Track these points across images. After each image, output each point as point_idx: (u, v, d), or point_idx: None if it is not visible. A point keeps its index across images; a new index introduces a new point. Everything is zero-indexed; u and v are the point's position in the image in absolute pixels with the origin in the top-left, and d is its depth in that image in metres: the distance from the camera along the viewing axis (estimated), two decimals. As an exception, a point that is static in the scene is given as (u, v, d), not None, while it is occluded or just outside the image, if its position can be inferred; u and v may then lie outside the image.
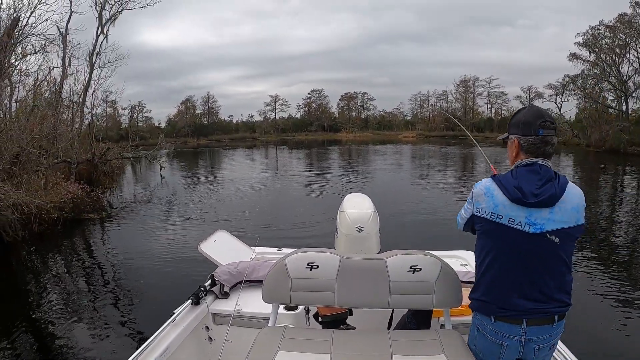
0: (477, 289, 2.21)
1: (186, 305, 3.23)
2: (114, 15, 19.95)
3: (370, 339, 2.49)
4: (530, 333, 2.05)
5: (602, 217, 12.47)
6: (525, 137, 2.08)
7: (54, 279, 8.64)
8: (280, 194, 18.43)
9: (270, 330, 2.61)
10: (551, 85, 58.67)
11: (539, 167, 2.05)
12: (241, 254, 4.22)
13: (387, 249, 2.75)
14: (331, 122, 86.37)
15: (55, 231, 11.86)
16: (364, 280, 2.59)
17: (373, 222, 3.55)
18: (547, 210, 1.99)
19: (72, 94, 18.95)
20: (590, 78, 44.30)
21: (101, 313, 6.70)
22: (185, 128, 77.81)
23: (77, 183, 14.71)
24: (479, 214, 2.12)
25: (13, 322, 6.40)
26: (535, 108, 2.19)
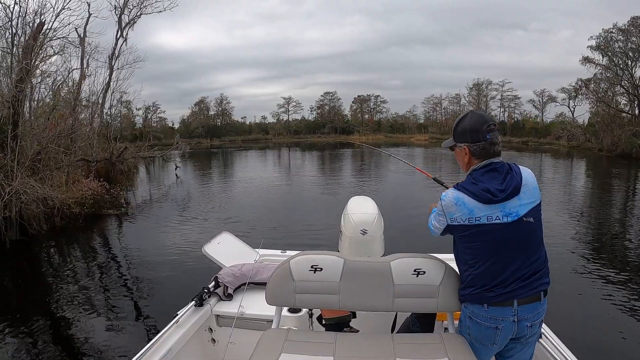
0: (468, 285, 2.29)
1: (189, 306, 3.24)
2: (132, 20, 20.47)
3: (374, 342, 2.51)
4: (521, 312, 2.17)
5: (614, 222, 12.43)
6: (475, 144, 2.23)
7: (70, 272, 8.96)
8: (292, 196, 18.55)
9: (273, 332, 2.62)
10: (564, 89, 58.96)
11: (495, 165, 2.22)
12: (245, 256, 4.24)
13: (391, 252, 2.79)
14: (344, 125, 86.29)
15: (76, 225, 12.32)
16: (367, 283, 2.60)
17: (377, 224, 3.58)
18: (516, 199, 2.15)
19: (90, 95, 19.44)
20: (603, 82, 43.89)
21: (110, 308, 6.89)
22: (198, 129, 78.15)
23: (96, 180, 15.17)
24: (455, 222, 2.23)
25: (33, 310, 6.72)
26: (478, 114, 2.32)
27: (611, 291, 6.91)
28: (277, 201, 16.56)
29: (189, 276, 7.76)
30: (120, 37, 20.11)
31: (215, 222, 12.33)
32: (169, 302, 5.76)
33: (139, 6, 20.43)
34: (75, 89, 16.82)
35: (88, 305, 6.94)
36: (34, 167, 11.90)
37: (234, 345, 3.12)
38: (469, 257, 2.26)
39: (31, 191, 10.73)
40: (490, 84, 77.05)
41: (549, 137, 58.32)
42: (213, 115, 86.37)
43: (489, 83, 77.06)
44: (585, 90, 46.92)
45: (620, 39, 41.35)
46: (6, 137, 11.08)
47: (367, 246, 3.47)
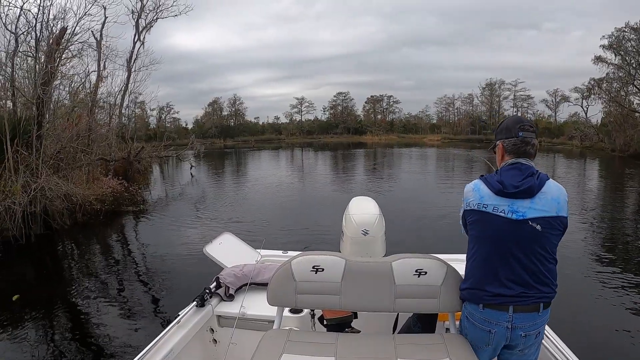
0: (467, 280, 2.35)
1: (191, 307, 3.25)
2: (149, 24, 20.98)
3: (375, 343, 2.51)
4: (516, 320, 2.17)
5: (627, 223, 12.27)
6: (508, 140, 2.31)
7: (88, 266, 9.32)
8: (305, 196, 18.71)
9: (274, 332, 2.63)
10: (577, 88, 58.07)
11: (520, 165, 2.25)
12: (246, 257, 4.25)
13: (393, 252, 2.81)
14: (357, 125, 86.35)
15: (97, 221, 12.77)
16: (369, 283, 2.61)
17: (379, 225, 3.61)
18: (527, 200, 2.16)
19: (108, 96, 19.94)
20: (615, 81, 43.32)
21: (122, 301, 7.11)
22: (212, 129, 78.40)
23: (115, 179, 15.65)
24: (469, 207, 2.29)
25: (53, 301, 7.11)
26: (516, 116, 2.49)
27: (623, 294, 6.79)
28: (290, 201, 16.75)
29: (199, 274, 8.04)
30: (138, 41, 20.64)
31: (228, 222, 12.45)
32: (177, 299, 5.96)
33: (155, 11, 20.95)
34: (93, 90, 17.27)
35: (101, 298, 7.20)
36: (57, 165, 12.40)
37: (236, 345, 3.12)
38: (471, 246, 2.33)
39: (56, 188, 11.22)
40: (503, 84, 76.91)
41: (562, 137, 57.85)
42: (226, 116, 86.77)
43: (501, 83, 76.89)
44: (597, 89, 46.30)
45: (632, 37, 40.78)
46: (31, 136, 11.58)
47: (368, 246, 3.54)
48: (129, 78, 20.24)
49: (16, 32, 12.53)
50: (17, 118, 11.74)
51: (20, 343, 5.65)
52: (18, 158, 11.22)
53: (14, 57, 12.72)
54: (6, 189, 10.52)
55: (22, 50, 13.09)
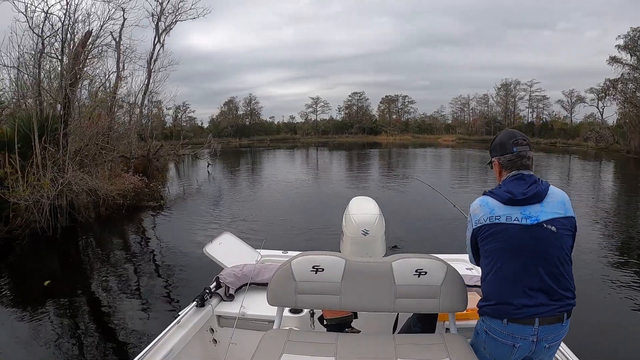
0: (487, 297, 2.27)
1: (191, 307, 3.24)
2: (168, 26, 21.57)
3: (375, 343, 2.51)
4: (542, 332, 2.12)
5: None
6: (503, 156, 2.33)
7: (109, 258, 9.82)
8: (319, 195, 18.60)
9: (274, 332, 2.63)
10: (593, 89, 57.34)
11: (522, 175, 2.27)
12: (246, 257, 4.25)
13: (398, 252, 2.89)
14: (371, 125, 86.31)
15: (119, 215, 13.36)
16: (369, 283, 2.61)
17: (379, 225, 3.66)
18: (537, 205, 2.17)
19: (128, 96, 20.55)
20: (631, 82, 42.93)
21: (136, 292, 7.43)
22: (227, 128, 78.77)
23: (136, 175, 16.21)
24: (479, 224, 2.26)
25: (75, 288, 7.60)
26: (509, 130, 2.45)
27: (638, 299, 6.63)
28: (306, 200, 16.89)
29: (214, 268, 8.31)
30: (158, 43, 21.25)
31: (244, 221, 12.56)
32: (190, 291, 5.94)
33: (175, 13, 21.54)
34: (112, 90, 17.83)
35: (119, 288, 7.61)
36: (81, 161, 13.03)
37: (236, 345, 3.12)
38: (488, 261, 2.26)
39: (82, 182, 11.85)
40: (519, 85, 76.04)
41: (577, 139, 57.21)
42: (242, 115, 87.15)
43: (517, 83, 76.02)
44: (612, 90, 45.98)
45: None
46: (57, 134, 12.22)
47: (368, 246, 3.59)
48: (149, 79, 20.86)
49: (42, 35, 13.14)
50: (44, 117, 12.34)
51: (48, 320, 6.17)
52: (46, 154, 11.81)
53: (40, 58, 13.37)
54: (34, 182, 11.14)
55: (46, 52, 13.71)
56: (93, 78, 16.56)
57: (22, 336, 5.72)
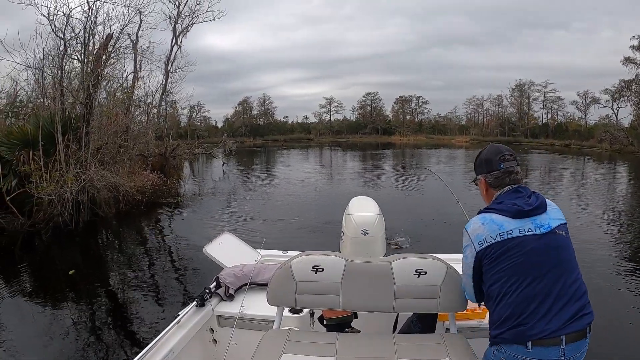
0: (503, 322, 2.03)
1: (191, 307, 3.22)
2: (185, 29, 22.07)
3: (375, 343, 2.51)
4: (569, 351, 1.93)
5: None
6: (490, 174, 2.25)
7: (127, 251, 10.22)
8: (332, 195, 18.08)
9: (274, 332, 2.63)
10: (607, 90, 57.17)
11: (518, 189, 2.19)
12: (246, 257, 4.23)
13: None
14: (385, 125, 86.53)
15: (138, 210, 13.81)
16: (369, 283, 2.60)
17: (379, 225, 3.69)
18: (544, 214, 2.09)
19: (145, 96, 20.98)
20: (645, 83, 41.87)
21: (150, 287, 7.56)
22: (241, 128, 79.72)
23: (154, 173, 16.72)
24: (485, 244, 2.08)
25: (94, 279, 7.97)
26: (494, 146, 2.36)
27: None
28: (318, 199, 16.77)
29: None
30: (175, 44, 21.78)
31: (259, 220, 12.69)
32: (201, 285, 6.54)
33: (191, 16, 22.05)
34: (129, 90, 18.26)
35: (135, 280, 7.83)
36: (102, 159, 13.55)
37: (235, 345, 3.09)
38: (501, 284, 2.04)
39: (103, 179, 12.37)
40: (533, 85, 75.74)
41: (592, 140, 56.62)
42: (256, 115, 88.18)
43: (531, 84, 75.78)
44: (627, 91, 45.69)
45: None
46: (79, 133, 12.74)
47: (368, 246, 3.62)
48: (166, 80, 21.38)
49: (64, 38, 13.70)
50: (66, 116, 12.85)
51: (67, 309, 6.54)
52: (69, 152, 12.34)
53: (62, 60, 13.93)
54: (58, 178, 11.66)
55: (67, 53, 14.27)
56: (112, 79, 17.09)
57: (39, 326, 5.96)
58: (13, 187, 11.21)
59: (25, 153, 11.66)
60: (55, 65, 13.82)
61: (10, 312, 6.46)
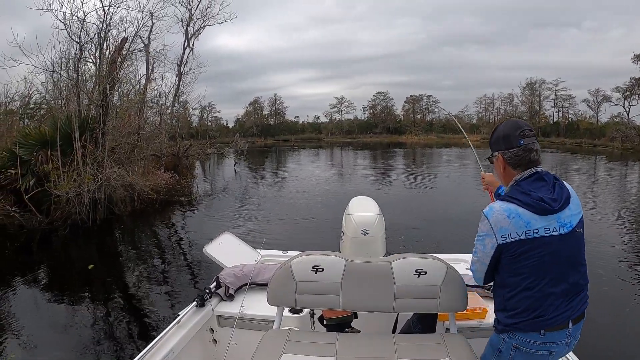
0: (520, 312, 2.04)
1: (191, 307, 3.22)
2: (197, 31, 22.48)
3: (375, 343, 2.50)
4: (573, 332, 2.03)
5: None
6: (509, 151, 2.09)
7: (141, 248, 10.64)
8: (344, 194, 17.58)
9: (274, 332, 2.62)
10: (618, 88, 56.79)
11: (541, 174, 2.06)
12: (246, 257, 4.22)
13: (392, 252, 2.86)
14: (396, 125, 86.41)
15: (153, 209, 14.18)
16: (369, 283, 2.59)
17: (379, 225, 3.71)
18: (567, 209, 2.00)
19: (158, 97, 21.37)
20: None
21: (162, 280, 7.89)
22: (252, 128, 79.73)
23: (168, 173, 17.09)
24: (509, 239, 1.99)
25: (110, 273, 8.34)
26: (512, 120, 2.20)
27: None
28: (330, 199, 16.43)
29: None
30: (187, 47, 22.16)
31: (271, 220, 12.81)
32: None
33: (203, 19, 22.46)
34: (142, 91, 18.60)
35: (148, 275, 8.23)
36: (118, 159, 13.91)
37: (235, 345, 3.10)
38: (522, 278, 2.02)
39: (120, 178, 12.75)
40: (544, 84, 75.04)
41: (603, 139, 55.88)
42: (267, 115, 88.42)
43: (542, 82, 75.12)
44: (638, 89, 45.41)
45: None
46: (95, 133, 13.11)
47: (368, 246, 3.65)
48: (179, 81, 21.78)
49: (80, 42, 14.09)
50: (83, 117, 13.21)
51: (82, 301, 6.89)
52: (86, 152, 12.70)
53: (78, 63, 14.32)
54: (76, 177, 12.05)
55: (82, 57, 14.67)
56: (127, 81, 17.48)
57: (55, 318, 6.26)
58: (31, 186, 11.58)
59: (43, 153, 12.05)
60: (72, 68, 14.22)
61: (27, 305, 6.77)
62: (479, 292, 3.29)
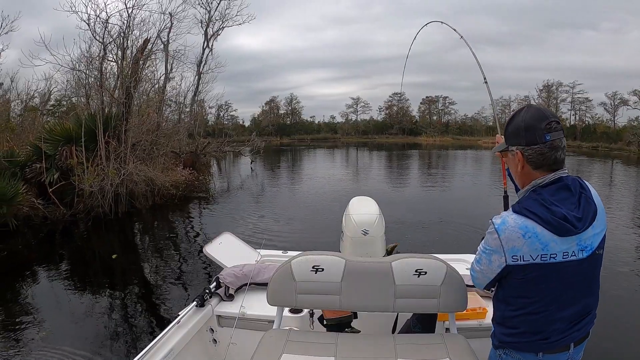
0: (521, 334, 1.85)
1: (191, 307, 3.21)
2: (216, 32, 23.07)
3: (375, 343, 2.50)
4: (574, 353, 1.86)
5: None
6: (530, 148, 1.74)
7: (159, 241, 10.96)
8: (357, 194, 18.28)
9: (274, 332, 2.61)
10: (636, 91, 56.18)
11: (566, 182, 1.75)
12: (246, 257, 4.21)
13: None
14: (412, 126, 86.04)
15: (172, 204, 14.59)
16: (369, 283, 2.58)
17: (379, 225, 3.67)
18: (590, 228, 1.72)
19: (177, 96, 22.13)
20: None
21: (177, 272, 8.16)
22: (268, 127, 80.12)
23: (187, 169, 17.51)
24: (521, 261, 1.72)
25: (132, 263, 8.77)
26: (535, 108, 1.80)
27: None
28: (346, 198, 16.77)
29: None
30: (207, 47, 22.70)
31: (287, 220, 12.76)
32: None
33: (221, 20, 23.02)
34: (161, 90, 19.12)
35: (164, 266, 8.59)
36: (139, 155, 14.42)
37: (235, 345, 3.10)
38: (526, 302, 1.81)
39: (142, 173, 13.28)
40: (561, 86, 73.93)
41: (620, 143, 55.03)
42: (283, 114, 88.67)
43: (559, 85, 73.97)
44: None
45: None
46: (119, 130, 13.63)
47: (368, 246, 3.60)
48: (199, 81, 22.31)
49: (103, 42, 14.65)
50: (107, 114, 13.76)
51: (103, 290, 7.22)
52: (109, 148, 13.24)
53: (102, 63, 14.86)
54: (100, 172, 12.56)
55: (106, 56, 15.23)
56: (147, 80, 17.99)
57: (75, 306, 6.49)
58: (55, 179, 12.13)
59: (68, 148, 12.56)
60: (96, 68, 14.74)
61: (48, 291, 7.16)
62: (479, 292, 3.27)
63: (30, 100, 21.95)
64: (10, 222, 10.29)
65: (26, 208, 11.15)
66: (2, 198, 10.00)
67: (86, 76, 14.86)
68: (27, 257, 9.13)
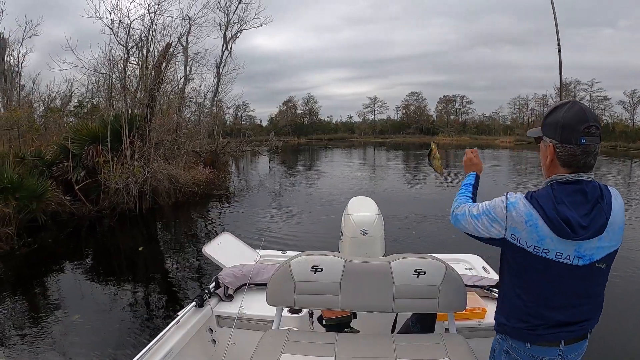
0: (509, 314, 1.93)
1: (190, 307, 3.20)
2: (235, 35, 23.61)
3: (375, 343, 2.49)
4: (567, 352, 1.86)
5: None
6: (563, 146, 1.74)
7: (181, 236, 11.51)
8: (377, 195, 17.33)
9: (274, 333, 2.62)
10: (655, 89, 53.38)
11: (585, 187, 1.74)
12: (246, 257, 4.20)
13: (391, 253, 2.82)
14: (429, 125, 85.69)
15: (194, 201, 15.11)
16: (368, 283, 2.58)
17: (378, 225, 3.68)
18: (596, 239, 1.72)
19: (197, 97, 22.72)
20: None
21: (195, 266, 8.43)
22: (286, 127, 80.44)
23: (207, 168, 18.06)
24: (517, 242, 1.79)
25: (155, 255, 9.23)
26: (578, 107, 1.76)
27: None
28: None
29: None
30: (226, 50, 23.23)
31: (303, 219, 12.87)
32: None
33: (240, 23, 23.57)
34: (181, 91, 19.66)
35: (184, 259, 9.06)
36: (162, 154, 14.94)
37: (235, 345, 3.09)
38: (520, 283, 1.88)
39: (165, 171, 13.82)
40: (579, 85, 72.51)
41: (639, 142, 54.38)
42: (300, 114, 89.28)
43: (577, 83, 72.46)
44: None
45: None
46: (142, 130, 14.15)
47: (367, 246, 3.61)
48: (218, 83, 22.87)
49: (127, 46, 15.18)
50: (131, 115, 14.30)
51: (127, 283, 7.63)
52: (134, 147, 13.78)
53: (126, 66, 15.39)
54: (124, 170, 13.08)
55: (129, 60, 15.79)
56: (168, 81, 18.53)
57: (99, 298, 6.79)
58: (81, 177, 12.69)
59: (94, 148, 13.07)
60: (120, 71, 15.29)
61: (75, 283, 7.57)
62: (478, 292, 3.30)
63: (52, 102, 22.70)
64: (40, 218, 10.76)
65: (54, 204, 11.66)
66: (32, 195, 10.46)
67: (110, 78, 15.39)
68: (56, 250, 9.66)
